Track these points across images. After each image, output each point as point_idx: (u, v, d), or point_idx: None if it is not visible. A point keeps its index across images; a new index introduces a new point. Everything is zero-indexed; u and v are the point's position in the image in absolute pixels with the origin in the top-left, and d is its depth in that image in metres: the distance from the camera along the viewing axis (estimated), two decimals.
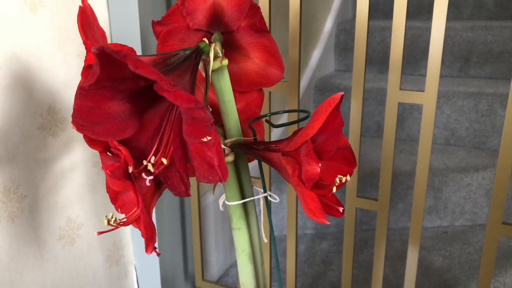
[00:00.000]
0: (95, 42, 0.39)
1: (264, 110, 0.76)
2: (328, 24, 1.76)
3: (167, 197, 0.93)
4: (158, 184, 0.44)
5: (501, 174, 0.65)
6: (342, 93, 0.37)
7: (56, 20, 0.71)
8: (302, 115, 0.53)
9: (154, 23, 0.48)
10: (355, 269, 1.14)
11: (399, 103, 0.68)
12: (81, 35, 0.39)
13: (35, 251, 0.73)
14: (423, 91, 0.66)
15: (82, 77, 0.41)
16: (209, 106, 0.45)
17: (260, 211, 1.06)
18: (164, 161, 0.38)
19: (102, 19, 0.79)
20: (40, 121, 0.71)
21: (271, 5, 0.72)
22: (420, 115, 1.50)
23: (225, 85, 0.45)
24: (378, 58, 1.72)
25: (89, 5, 0.40)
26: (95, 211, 0.83)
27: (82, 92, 0.34)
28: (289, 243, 0.83)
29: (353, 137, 0.72)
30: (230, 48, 0.48)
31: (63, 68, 0.73)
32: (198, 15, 0.46)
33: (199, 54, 0.42)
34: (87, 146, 0.81)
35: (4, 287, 0.69)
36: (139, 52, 0.79)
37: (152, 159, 0.38)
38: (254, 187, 0.52)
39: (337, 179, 0.41)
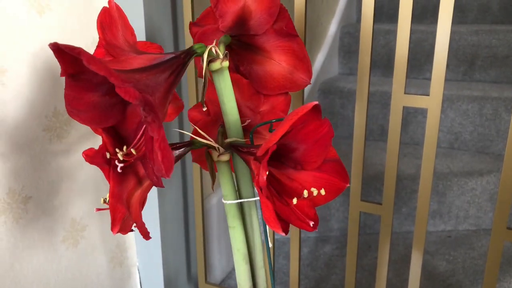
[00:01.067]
0: (114, 40, 0.42)
1: None
2: (332, 28, 1.76)
3: (171, 199, 0.93)
4: (140, 179, 0.45)
5: (506, 179, 0.65)
6: (316, 102, 0.37)
7: (62, 22, 0.71)
8: None
9: (191, 24, 0.50)
10: (358, 273, 1.14)
11: (403, 106, 0.68)
12: (98, 32, 0.42)
13: (39, 252, 0.73)
14: (428, 95, 0.66)
15: None
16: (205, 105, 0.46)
17: None
18: (133, 151, 0.40)
19: None
20: (45, 123, 0.71)
21: None
22: (424, 118, 1.50)
23: (225, 86, 0.45)
24: (382, 62, 1.72)
25: (116, 5, 0.42)
26: (99, 213, 0.84)
27: (66, 82, 0.38)
28: (292, 246, 0.83)
29: (357, 141, 0.72)
30: (253, 51, 0.49)
31: None
32: (228, 17, 0.47)
33: (189, 54, 0.43)
34: (92, 148, 0.81)
35: None
36: None
37: (124, 149, 0.40)
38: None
39: (305, 192, 0.41)
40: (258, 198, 0.52)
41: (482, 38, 1.58)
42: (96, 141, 0.80)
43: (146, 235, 0.45)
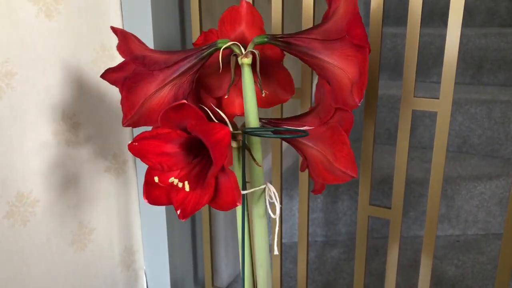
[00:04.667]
0: (230, 32, 0.52)
1: (276, 116, 0.76)
2: None
3: None
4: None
5: None
6: (182, 101, 0.43)
7: (71, 26, 0.72)
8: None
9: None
10: (366, 278, 1.13)
11: (412, 110, 0.67)
12: (218, 23, 0.52)
13: (47, 256, 0.73)
14: (438, 98, 0.65)
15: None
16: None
17: (276, 219, 1.05)
18: None
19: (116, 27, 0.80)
20: (54, 127, 0.71)
21: (284, 10, 0.72)
22: (431, 122, 1.49)
23: (244, 81, 0.48)
24: (389, 65, 1.71)
25: (248, 4, 0.52)
26: (107, 216, 0.84)
27: None
28: (300, 250, 0.82)
29: (366, 144, 0.72)
30: (314, 57, 0.47)
31: (77, 74, 0.74)
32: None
33: (211, 47, 0.49)
34: (99, 151, 0.82)
35: None
36: None
37: None
38: (268, 184, 0.53)
39: (186, 185, 0.47)
40: (263, 186, 0.54)
41: (490, 41, 1.57)
42: (103, 144, 0.81)
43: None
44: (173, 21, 0.84)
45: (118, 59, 0.81)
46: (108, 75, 0.51)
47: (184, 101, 0.43)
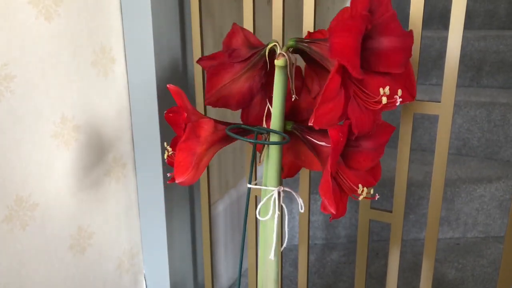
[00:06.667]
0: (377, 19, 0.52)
1: None
2: None
3: (178, 205, 0.92)
4: None
5: None
6: (168, 85, 0.52)
7: (71, 29, 0.71)
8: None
9: None
10: (366, 281, 1.12)
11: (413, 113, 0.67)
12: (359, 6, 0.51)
13: (46, 260, 0.73)
14: (439, 101, 0.65)
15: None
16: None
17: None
18: None
19: (116, 29, 0.80)
20: (53, 129, 0.71)
21: (284, 14, 0.72)
22: (431, 124, 1.49)
23: (275, 80, 0.51)
24: None
25: None
26: (106, 220, 0.83)
27: None
28: (301, 254, 0.82)
29: None
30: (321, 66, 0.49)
31: (77, 76, 0.74)
32: None
33: (267, 45, 0.55)
34: (99, 155, 0.81)
35: None
36: (151, 59, 0.79)
37: None
38: (280, 188, 0.54)
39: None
40: (266, 188, 0.54)
41: (489, 44, 1.57)
42: (103, 147, 0.80)
43: None
44: (173, 22, 0.83)
45: (118, 60, 0.80)
46: (202, 61, 0.59)
47: (176, 87, 0.48)
